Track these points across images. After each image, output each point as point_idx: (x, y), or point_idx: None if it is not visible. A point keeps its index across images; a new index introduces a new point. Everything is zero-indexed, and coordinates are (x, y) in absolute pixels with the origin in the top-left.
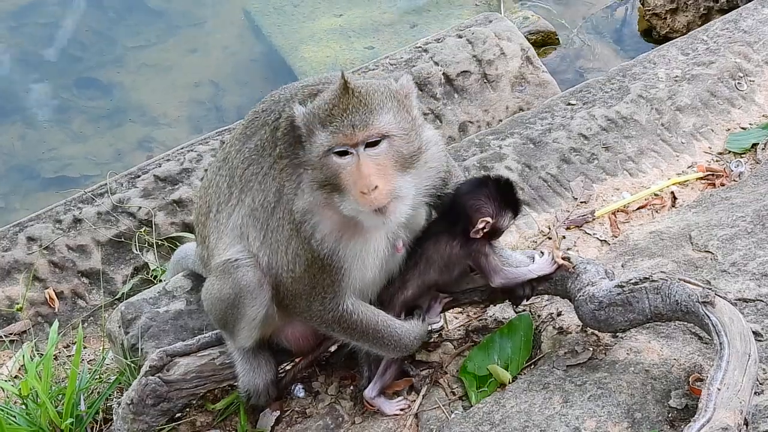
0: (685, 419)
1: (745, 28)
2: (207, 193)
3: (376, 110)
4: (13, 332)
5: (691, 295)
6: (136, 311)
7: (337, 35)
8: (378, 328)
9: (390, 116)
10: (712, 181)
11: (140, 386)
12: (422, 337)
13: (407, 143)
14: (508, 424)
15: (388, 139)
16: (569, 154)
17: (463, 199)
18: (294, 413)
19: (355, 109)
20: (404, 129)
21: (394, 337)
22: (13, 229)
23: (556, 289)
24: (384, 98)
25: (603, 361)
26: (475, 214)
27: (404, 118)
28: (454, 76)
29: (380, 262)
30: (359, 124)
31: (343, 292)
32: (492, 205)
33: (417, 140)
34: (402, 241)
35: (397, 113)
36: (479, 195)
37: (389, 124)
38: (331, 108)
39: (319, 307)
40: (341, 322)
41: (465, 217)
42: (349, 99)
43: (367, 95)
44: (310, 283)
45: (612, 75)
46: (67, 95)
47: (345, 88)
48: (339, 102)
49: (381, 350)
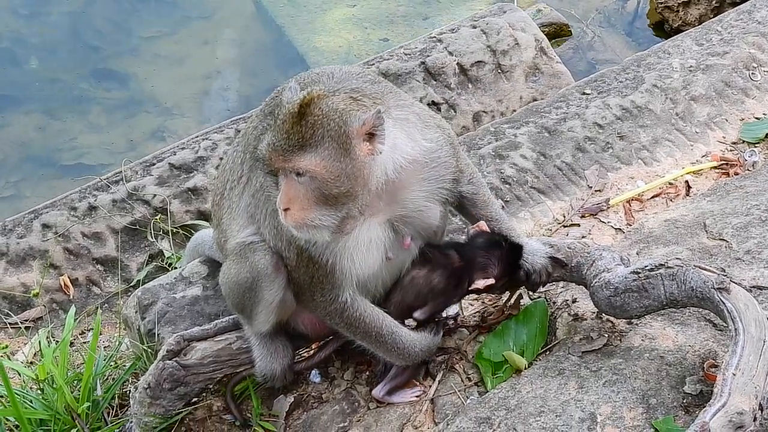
0: (700, 405)
1: (759, 19)
2: (224, 170)
3: (306, 147)
4: (28, 318)
5: (707, 282)
6: (152, 297)
7: (351, 25)
8: (382, 332)
9: (317, 159)
10: (726, 170)
11: (157, 370)
12: (430, 349)
13: (333, 185)
14: (523, 409)
15: (310, 176)
16: (584, 142)
17: (475, 254)
18: (310, 398)
19: (289, 137)
20: (332, 172)
21: (398, 344)
22: (28, 216)
23: (571, 275)
24: (324, 138)
25: (618, 348)
26: (481, 272)
27: (338, 163)
28: (468, 66)
29: (377, 258)
30: (282, 155)
31: (339, 284)
32: (499, 268)
33: (349, 183)
34: (411, 237)
35: (330, 157)
36: (491, 255)
37: (312, 164)
38: (276, 123)
39: (320, 298)
40: (342, 315)
41: (469, 268)
42: (293, 124)
43: (309, 128)
44: (306, 273)
45: (627, 65)
46: (86, 85)
47: (297, 112)
48: (284, 121)
49: (385, 355)
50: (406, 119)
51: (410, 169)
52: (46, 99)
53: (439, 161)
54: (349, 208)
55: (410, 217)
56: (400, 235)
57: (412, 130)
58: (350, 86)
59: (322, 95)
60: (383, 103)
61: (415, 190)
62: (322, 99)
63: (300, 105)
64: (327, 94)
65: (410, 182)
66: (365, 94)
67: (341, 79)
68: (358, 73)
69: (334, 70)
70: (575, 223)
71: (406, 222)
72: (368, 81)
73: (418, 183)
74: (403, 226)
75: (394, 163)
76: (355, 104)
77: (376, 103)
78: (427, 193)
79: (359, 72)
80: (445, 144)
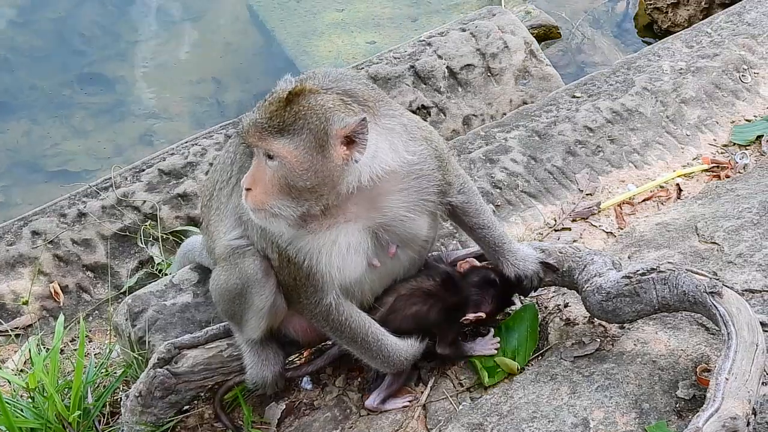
0: (693, 409)
1: (749, 21)
2: (214, 171)
3: (284, 132)
4: (18, 326)
5: (699, 286)
6: (143, 304)
7: (340, 30)
8: (367, 338)
9: (291, 147)
10: (717, 173)
11: (148, 378)
12: (414, 358)
13: (299, 177)
14: (516, 414)
15: (280, 161)
16: (575, 146)
17: (470, 291)
18: (302, 405)
19: (271, 117)
20: (302, 164)
21: (383, 351)
22: (17, 223)
23: (563, 280)
24: (303, 129)
25: (610, 352)
26: (475, 307)
27: (310, 157)
28: (458, 70)
29: (358, 264)
30: (259, 132)
31: (321, 287)
32: (492, 305)
33: (316, 180)
34: (397, 246)
35: (304, 149)
36: (485, 294)
37: (284, 150)
38: (263, 102)
39: (306, 300)
40: (328, 319)
41: (463, 303)
42: (278, 107)
43: (292, 115)
44: (289, 275)
45: (617, 68)
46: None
47: (285, 98)
48: (270, 102)
49: (370, 361)
50: (392, 129)
51: (387, 180)
52: (31, 104)
53: (420, 174)
54: (311, 205)
55: (391, 226)
56: (383, 243)
57: (396, 141)
58: (343, 87)
59: (313, 89)
60: (372, 111)
61: (394, 200)
62: (313, 93)
63: (289, 92)
64: (319, 90)
65: (388, 191)
66: (356, 99)
67: (336, 79)
68: (353, 76)
69: (331, 71)
70: (566, 227)
71: (387, 230)
72: (362, 85)
73: (398, 193)
74: (385, 234)
75: (371, 172)
76: (343, 106)
77: (365, 110)
78: (407, 203)
79: (354, 76)
80: (429, 157)
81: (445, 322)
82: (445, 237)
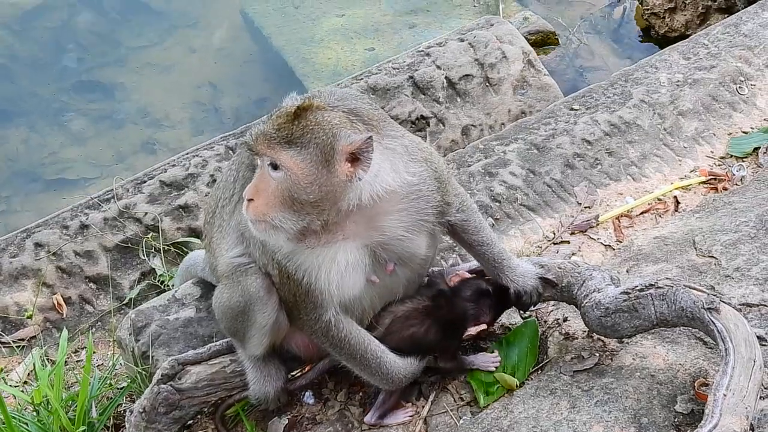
0: (691, 424)
1: (746, 32)
2: (217, 188)
3: (291, 144)
4: (22, 338)
5: (697, 302)
6: (146, 319)
7: (339, 36)
8: (366, 355)
9: (297, 159)
10: (715, 185)
11: (152, 394)
12: (414, 376)
13: (303, 191)
14: (516, 429)
15: (285, 172)
16: (573, 159)
17: (465, 306)
18: (304, 420)
19: (279, 129)
20: (307, 177)
21: (382, 368)
22: (20, 235)
23: (562, 295)
24: (311, 143)
25: (609, 367)
26: (474, 320)
27: (315, 170)
28: (457, 80)
29: (357, 281)
30: (267, 141)
31: (320, 303)
32: (491, 314)
33: (319, 194)
34: (395, 264)
35: (310, 162)
36: (482, 305)
37: (291, 162)
38: (271, 116)
39: (306, 317)
40: (328, 335)
41: (461, 319)
42: (286, 121)
43: (299, 129)
44: (289, 291)
45: (614, 80)
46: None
47: (293, 113)
48: (279, 116)
49: (369, 378)
50: (394, 149)
51: (387, 200)
52: (29, 112)
53: (419, 194)
54: (312, 219)
55: (390, 245)
56: (381, 261)
57: (397, 162)
58: (348, 106)
59: (320, 106)
60: (376, 130)
61: (392, 219)
62: (320, 109)
63: (297, 107)
64: (326, 107)
65: (388, 211)
66: (361, 118)
67: (342, 98)
68: (357, 96)
69: (336, 91)
70: (565, 240)
71: (386, 248)
72: (366, 105)
73: (397, 213)
74: (383, 253)
75: (372, 190)
76: (349, 124)
77: (369, 129)
78: (406, 223)
79: (358, 96)
80: (429, 178)
81: (444, 339)
82: (444, 250)
